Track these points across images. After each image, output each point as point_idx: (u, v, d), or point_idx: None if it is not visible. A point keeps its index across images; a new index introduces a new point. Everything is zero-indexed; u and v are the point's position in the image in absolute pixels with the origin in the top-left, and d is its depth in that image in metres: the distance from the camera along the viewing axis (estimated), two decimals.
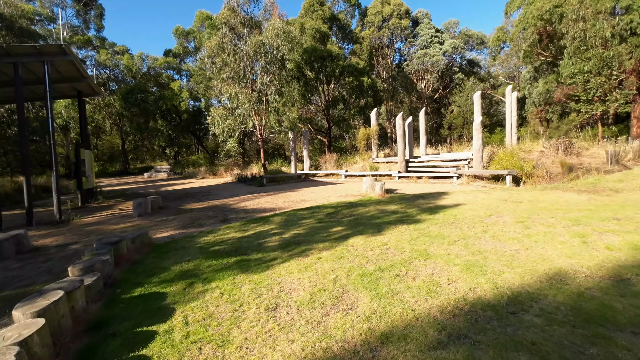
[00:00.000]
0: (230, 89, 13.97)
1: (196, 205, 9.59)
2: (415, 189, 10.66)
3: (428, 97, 28.74)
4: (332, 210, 7.44)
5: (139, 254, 4.71)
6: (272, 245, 4.91)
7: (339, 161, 16.57)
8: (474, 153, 11.45)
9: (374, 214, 6.76)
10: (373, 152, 15.89)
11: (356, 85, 18.34)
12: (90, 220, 8.30)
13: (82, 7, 26.40)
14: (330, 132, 21.16)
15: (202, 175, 21.28)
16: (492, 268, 3.54)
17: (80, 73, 9.86)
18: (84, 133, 11.76)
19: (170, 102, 22.83)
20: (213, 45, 14.50)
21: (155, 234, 6.19)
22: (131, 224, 7.47)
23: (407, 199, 8.51)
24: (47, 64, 8.05)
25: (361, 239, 4.96)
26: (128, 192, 14.31)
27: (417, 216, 6.37)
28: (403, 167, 13.32)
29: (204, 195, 11.86)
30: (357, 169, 15.29)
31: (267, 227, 6.11)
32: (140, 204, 8.34)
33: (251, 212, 8.01)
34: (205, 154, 28.64)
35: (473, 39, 29.67)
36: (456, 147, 16.58)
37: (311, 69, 17.93)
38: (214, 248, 4.91)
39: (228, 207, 9.00)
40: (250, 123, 15.40)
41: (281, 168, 17.83)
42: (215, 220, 7.16)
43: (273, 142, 25.07)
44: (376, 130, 15.42)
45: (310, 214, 7.19)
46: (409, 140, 13.70)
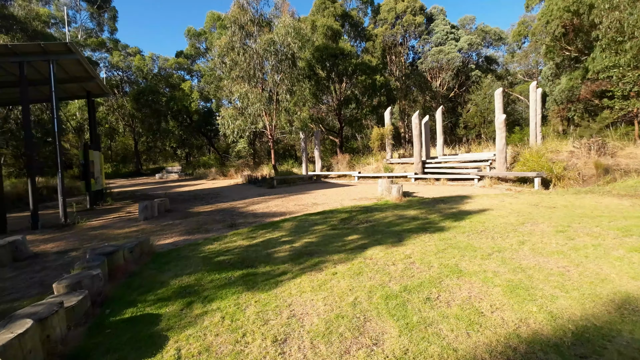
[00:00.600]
0: (240, 88, 13.65)
1: (204, 208, 9.25)
2: (434, 191, 10.04)
3: (443, 96, 27.86)
4: (347, 215, 6.94)
5: (138, 264, 4.33)
6: (281, 256, 4.45)
7: (352, 162, 16.04)
8: (496, 153, 10.74)
9: (392, 220, 6.22)
10: (387, 152, 15.30)
11: (369, 83, 17.77)
12: (96, 223, 8.04)
13: (96, 9, 26.73)
14: (342, 132, 20.65)
15: (212, 176, 21.09)
16: (541, 291, 2.97)
17: (88, 73, 9.66)
18: (93, 134, 11.61)
19: (181, 102, 22.76)
20: (223, 44, 14.22)
21: (159, 241, 5.83)
22: (136, 228, 7.15)
23: (426, 203, 7.93)
24: (52, 63, 7.84)
25: (380, 250, 4.44)
26: (137, 194, 14.16)
27: (440, 223, 5.80)
28: (419, 168, 12.69)
29: (212, 198, 11.54)
30: (370, 170, 14.73)
31: (276, 234, 5.66)
32: (146, 207, 8.04)
33: (260, 216, 7.59)
34: (216, 154, 28.55)
35: (490, 35, 28.62)
36: (474, 147, 15.80)
37: (322, 68, 17.47)
38: (219, 258, 4.48)
39: (237, 210, 8.61)
40: (261, 123, 15.05)
41: (292, 169, 17.41)
42: (223, 226, 6.76)
43: (284, 142, 24.71)
44: (390, 129, 14.82)
45: (323, 219, 6.70)
46: (425, 140, 13.07)
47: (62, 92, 11.08)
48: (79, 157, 27.55)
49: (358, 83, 17.94)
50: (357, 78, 17.64)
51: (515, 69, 32.63)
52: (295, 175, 15.16)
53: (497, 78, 25.86)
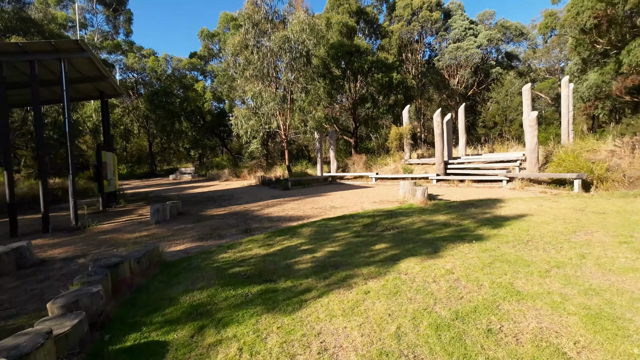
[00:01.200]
0: (253, 87, 13.30)
1: (217, 211, 8.88)
2: (460, 194, 9.38)
3: (460, 95, 26.91)
4: (369, 220, 6.41)
5: (146, 276, 3.92)
6: (303, 267, 3.97)
7: (368, 163, 15.47)
8: (527, 153, 9.99)
9: (421, 227, 5.66)
10: (405, 152, 14.66)
11: (385, 81, 17.16)
12: (107, 226, 7.76)
13: (112, 12, 27.05)
14: (357, 132, 20.08)
15: (225, 177, 20.88)
16: (633, 323, 2.39)
17: (100, 72, 9.45)
18: (106, 135, 11.45)
19: (194, 103, 22.68)
20: (236, 42, 13.91)
21: (169, 247, 5.44)
22: (147, 232, 6.82)
23: (455, 207, 7.31)
24: (63, 62, 7.62)
25: (415, 262, 3.91)
26: (151, 196, 13.98)
27: (476, 230, 5.21)
28: (442, 169, 12.02)
29: (226, 200, 11.20)
30: (388, 171, 14.12)
31: (295, 242, 5.19)
32: (157, 210, 7.71)
33: (276, 220, 7.14)
34: (229, 155, 28.43)
35: (511, 31, 27.48)
36: (498, 146, 14.98)
37: (337, 66, 16.97)
38: (234, 270, 4.04)
39: (251, 213, 8.19)
40: (275, 123, 14.67)
41: (306, 170, 16.98)
42: (237, 231, 6.34)
43: (297, 143, 24.32)
44: (410, 129, 14.18)
45: (344, 224, 6.19)
46: (447, 139, 12.39)
47: (76, 92, 10.96)
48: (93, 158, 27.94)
49: (374, 81, 17.35)
50: (373, 76, 17.06)
51: (536, 65, 31.34)
52: (310, 177, 14.70)
53: (518, 75, 24.77)
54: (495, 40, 24.30)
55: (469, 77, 24.15)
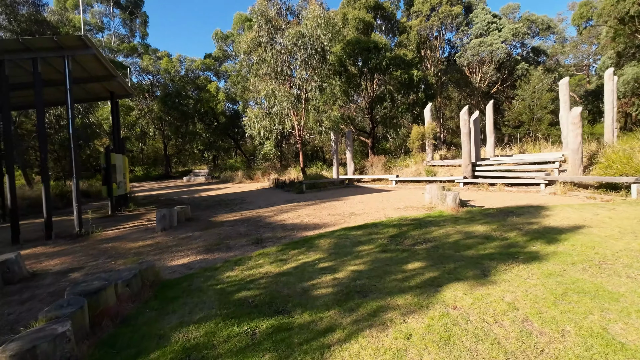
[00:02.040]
0: (267, 86, 12.75)
1: (228, 217, 8.30)
2: (494, 199, 8.46)
3: (483, 93, 25.60)
4: (396, 231, 5.64)
5: (137, 300, 3.31)
6: (323, 293, 3.26)
7: (387, 164, 14.63)
8: (569, 154, 8.96)
9: (458, 240, 4.85)
10: (427, 153, 13.74)
11: (405, 79, 16.28)
12: (112, 233, 7.30)
13: (128, 15, 27.28)
14: (374, 133, 19.24)
15: (238, 179, 20.47)
16: None
17: (108, 71, 9.08)
18: (117, 137, 11.12)
19: (207, 104, 22.42)
20: (249, 40, 13.41)
21: (171, 260, 4.85)
22: (151, 241, 6.28)
23: (492, 215, 6.44)
24: (67, 59, 7.22)
25: (463, 290, 3.13)
26: (162, 199, 13.63)
27: (528, 246, 4.36)
28: (469, 171, 11.06)
29: (237, 204, 10.64)
30: (410, 174, 13.24)
31: (312, 257, 4.49)
32: (164, 216, 7.19)
33: (290, 229, 6.47)
34: (242, 157, 28.11)
35: (537, 25, 25.96)
36: (529, 147, 13.84)
37: (354, 63, 16.22)
38: (240, 294, 3.38)
39: (263, 220, 7.56)
40: (289, 123, 14.06)
41: (321, 172, 16.30)
42: (247, 241, 5.71)
43: (312, 144, 23.67)
44: (432, 128, 13.26)
45: (367, 236, 5.45)
46: (475, 139, 11.42)
47: (85, 92, 10.68)
48: None
49: (393, 78, 16.50)
50: (392, 73, 16.21)
51: (563, 61, 29.59)
52: (326, 179, 14.00)
53: (546, 71, 23.30)
54: (521, 35, 22.94)
55: (493, 74, 22.86)
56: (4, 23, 14.27)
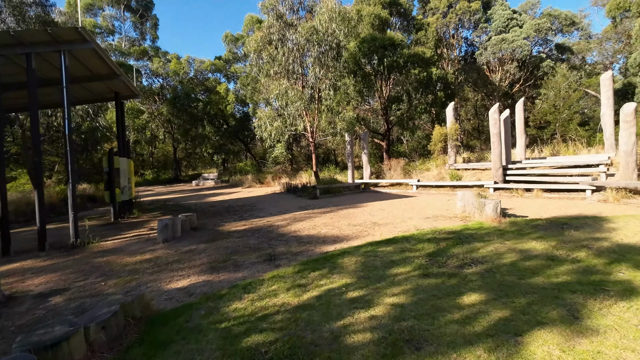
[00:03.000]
0: (278, 85, 12.04)
1: (236, 226, 7.55)
2: (535, 208, 7.47)
3: (503, 93, 24.40)
4: (433, 247, 4.76)
5: (116, 347, 2.54)
6: (360, 342, 2.44)
7: (406, 168, 13.70)
8: (620, 156, 7.91)
9: (515, 261, 3.95)
10: (449, 156, 12.77)
11: (423, 77, 15.38)
12: (110, 244, 6.64)
13: (138, 18, 27.17)
14: (389, 135, 18.33)
15: (248, 183, 19.81)
16: None
17: (111, 69, 8.50)
18: (121, 139, 10.55)
19: (216, 106, 21.93)
20: (259, 38, 12.77)
21: (168, 283, 4.10)
22: (150, 255, 5.57)
23: (543, 227, 5.49)
24: (63, 54, 6.63)
25: (556, 343, 2.26)
26: (169, 204, 13.02)
27: (612, 272, 3.45)
28: (500, 175, 10.06)
29: (247, 211, 9.90)
30: (432, 178, 12.29)
31: (338, 282, 3.66)
32: (166, 226, 6.48)
33: (307, 242, 5.66)
34: (252, 160, 27.54)
35: (560, 20, 24.67)
36: (561, 148, 12.74)
37: (369, 61, 15.42)
38: (250, 340, 2.57)
39: (275, 230, 6.78)
40: (301, 125, 13.31)
41: (335, 176, 15.49)
42: (258, 257, 4.93)
43: (325, 146, 22.91)
44: (456, 129, 12.30)
45: (399, 253, 4.59)
46: (505, 140, 10.41)
47: (88, 92, 10.16)
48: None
49: (410, 77, 15.62)
50: (409, 72, 15.34)
51: (587, 58, 28.09)
52: (340, 184, 13.16)
53: (571, 69, 21.99)
54: (544, 31, 21.73)
55: (516, 72, 21.68)
56: (12, 25, 14.00)
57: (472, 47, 26.69)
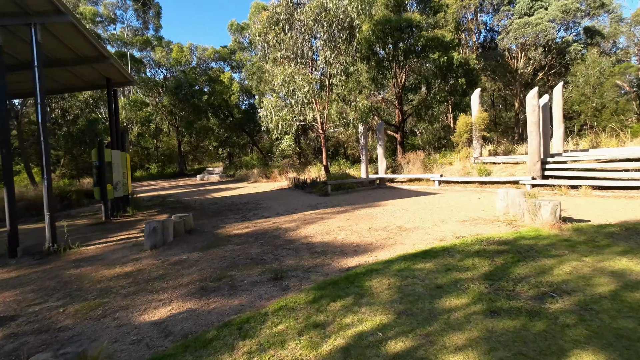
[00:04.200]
0: (284, 69, 10.91)
1: (238, 229, 6.55)
2: (593, 209, 6.28)
3: (525, 82, 22.78)
4: (487, 264, 3.66)
5: None
6: None
7: (426, 161, 12.50)
8: None
9: (618, 291, 2.84)
10: (475, 149, 11.52)
11: (443, 62, 14.06)
12: (91, 250, 5.71)
13: (141, 6, 26.18)
14: (404, 126, 17.08)
15: (254, 178, 18.86)
16: None
17: (97, 50, 7.50)
18: (113, 131, 9.62)
19: (220, 96, 20.91)
20: (264, 19, 11.64)
21: (142, 313, 3.11)
22: (132, 267, 4.61)
23: (621, 237, 4.34)
24: (34, 28, 5.63)
25: None
26: (168, 200, 12.13)
27: None
28: (537, 170, 8.83)
29: (251, 209, 8.91)
30: (456, 173, 11.08)
31: (369, 322, 2.61)
32: (154, 230, 5.51)
33: (321, 252, 4.62)
34: (258, 154, 26.54)
35: (588, 2, 22.81)
36: (602, 139, 11.38)
37: (384, 46, 14.15)
38: None
39: (283, 235, 5.75)
40: (310, 114, 12.20)
41: (346, 170, 14.40)
42: (261, 274, 3.91)
43: (335, 138, 21.76)
44: (483, 117, 11.03)
45: (444, 272, 3.51)
46: (544, 130, 9.13)
47: (77, 79, 9.21)
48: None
49: (428, 62, 14.32)
50: (428, 56, 14.03)
51: (618, 42, 26.13)
52: (353, 179, 12.07)
53: (602, 54, 20.27)
54: (572, 12, 19.96)
55: (541, 58, 20.05)
56: None
57: (491, 33, 25.02)
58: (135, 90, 25.87)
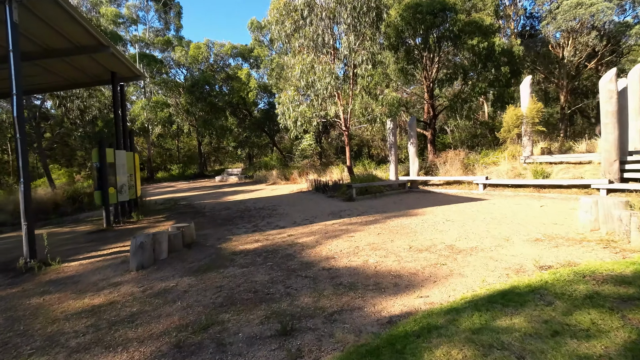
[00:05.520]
0: (303, 58, 9.74)
1: (246, 242, 5.45)
2: None
3: (571, 74, 20.34)
4: (617, 322, 2.26)
5: None
6: None
7: (465, 161, 10.91)
8: None
9: None
10: (525, 146, 9.82)
11: (483, 49, 12.38)
12: (70, 269, 4.80)
13: (162, 6, 26.07)
14: (435, 122, 15.46)
15: (272, 179, 17.90)
16: None
17: (93, 37, 6.68)
18: (119, 129, 8.86)
19: (237, 94, 20.15)
20: (282, 4, 10.56)
21: None
22: (104, 297, 3.60)
23: None
24: (8, 5, 4.79)
25: None
26: (180, 204, 11.32)
27: None
28: (615, 171, 7.12)
29: (265, 217, 7.81)
30: (504, 175, 9.41)
31: None
32: (142, 246, 4.50)
33: (349, 287, 3.37)
34: (278, 154, 25.64)
35: None
36: None
37: (414, 33, 12.67)
38: None
39: (298, 255, 4.56)
40: (332, 109, 10.97)
41: (372, 172, 13.05)
42: (262, 323, 2.74)
43: (356, 138, 20.42)
44: (538, 109, 9.33)
45: (548, 337, 2.15)
46: (619, 122, 7.37)
47: (80, 72, 8.50)
48: (147, 159, 27.14)
49: (465, 50, 12.69)
50: (466, 42, 12.40)
51: None
52: (380, 182, 10.70)
53: None
54: None
55: (595, 43, 17.66)
56: None
57: (531, 20, 22.71)
58: (157, 92, 25.78)
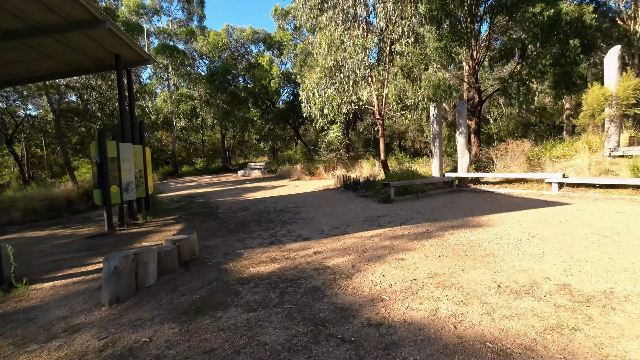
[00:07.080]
0: (330, 32, 8.20)
1: (259, 263, 4.16)
2: None
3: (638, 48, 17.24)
4: None
5: None
6: None
7: (530, 155, 8.99)
8: None
9: None
10: (610, 135, 7.77)
11: (546, 18, 10.22)
12: (33, 296, 3.77)
13: None
14: (481, 110, 13.39)
15: (296, 174, 16.66)
16: None
17: (85, 8, 5.59)
18: (126, 120, 7.87)
19: (259, 82, 19.00)
20: None
21: None
22: (51, 354, 2.40)
23: None
24: None
25: None
26: (196, 202, 10.33)
27: None
28: None
29: (286, 222, 6.51)
30: (586, 172, 7.44)
31: None
32: (116, 272, 3.33)
33: None
34: (303, 148, 24.37)
35: None
36: None
37: (462, 2, 10.71)
38: None
39: (328, 292, 3.19)
40: (364, 94, 9.42)
41: (409, 166, 11.39)
42: None
43: (388, 128, 18.63)
44: (636, 85, 7.25)
45: None
46: None
47: (81, 55, 7.55)
48: (171, 152, 26.81)
49: (523, 21, 10.56)
50: (527, 11, 10.29)
51: None
52: (422, 179, 9.07)
53: None
54: None
55: None
56: None
57: None
58: (180, 84, 25.29)
